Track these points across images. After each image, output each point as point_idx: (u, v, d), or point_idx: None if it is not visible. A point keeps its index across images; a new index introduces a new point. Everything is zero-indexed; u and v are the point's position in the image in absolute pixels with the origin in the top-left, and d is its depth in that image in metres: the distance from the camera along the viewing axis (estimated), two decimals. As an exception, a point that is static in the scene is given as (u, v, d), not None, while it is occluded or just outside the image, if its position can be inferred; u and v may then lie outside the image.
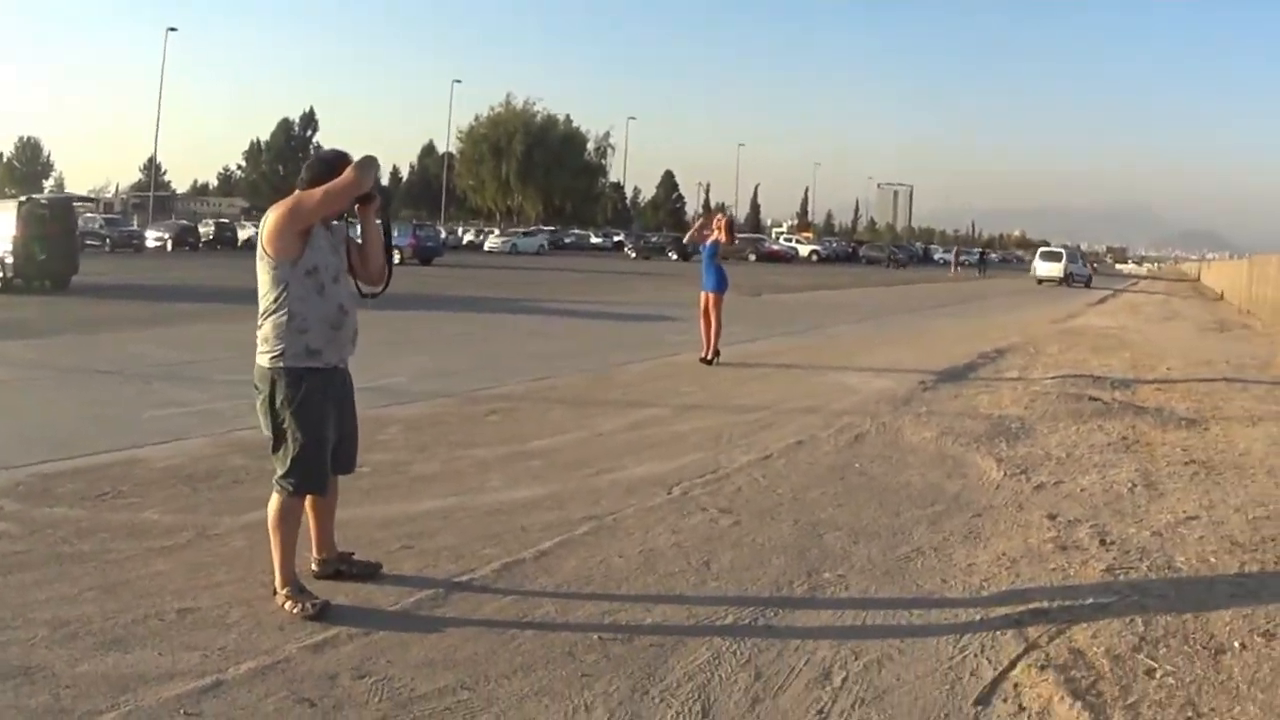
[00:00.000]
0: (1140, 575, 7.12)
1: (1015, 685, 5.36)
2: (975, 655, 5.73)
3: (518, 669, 5.34)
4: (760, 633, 5.97)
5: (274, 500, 6.14)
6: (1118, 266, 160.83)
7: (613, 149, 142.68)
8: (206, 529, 7.50)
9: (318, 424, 6.10)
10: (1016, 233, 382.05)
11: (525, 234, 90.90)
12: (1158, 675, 5.47)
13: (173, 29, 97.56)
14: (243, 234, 75.50)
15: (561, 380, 15.56)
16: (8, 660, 5.15)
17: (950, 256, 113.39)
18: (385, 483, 9.00)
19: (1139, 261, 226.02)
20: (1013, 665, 5.59)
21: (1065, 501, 9.10)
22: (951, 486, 9.53)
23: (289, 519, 6.15)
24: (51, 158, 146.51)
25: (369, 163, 6.12)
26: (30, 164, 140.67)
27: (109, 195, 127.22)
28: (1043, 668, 5.52)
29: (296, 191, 6.13)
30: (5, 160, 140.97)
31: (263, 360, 6.08)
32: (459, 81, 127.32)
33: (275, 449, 6.12)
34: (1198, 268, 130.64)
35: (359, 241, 6.46)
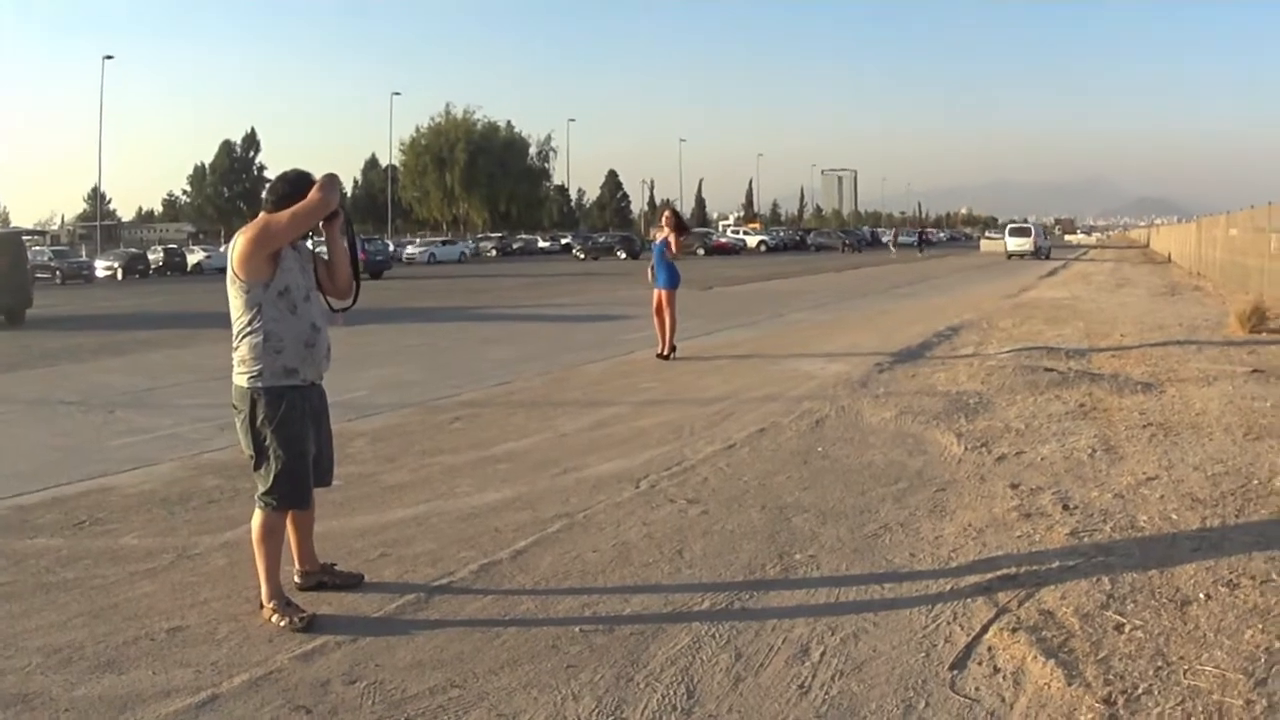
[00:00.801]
0: (1104, 536, 7.26)
1: (989, 648, 5.49)
2: (948, 623, 5.86)
3: (504, 664, 5.44)
4: (737, 615, 6.09)
5: (257, 517, 6.24)
6: (1066, 237, 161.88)
7: (555, 152, 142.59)
8: (187, 549, 7.57)
9: (299, 440, 6.20)
10: (963, 210, 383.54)
11: (444, 242, 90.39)
12: (1126, 630, 5.62)
13: (109, 57, 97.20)
14: (191, 258, 75.36)
15: (521, 384, 15.64)
16: (5, 689, 5.23)
17: (889, 237, 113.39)
18: (358, 494, 9.09)
19: (1088, 231, 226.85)
20: (985, 630, 5.72)
21: (1027, 471, 9.23)
22: (914, 463, 9.66)
23: (273, 534, 6.26)
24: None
25: (333, 181, 6.25)
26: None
27: (55, 227, 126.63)
28: (1014, 630, 5.66)
29: (262, 214, 6.22)
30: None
31: (241, 381, 6.16)
32: (398, 94, 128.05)
33: (257, 467, 6.22)
34: (1147, 233, 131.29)
35: (325, 258, 6.56)
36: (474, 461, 10.28)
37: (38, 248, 64.73)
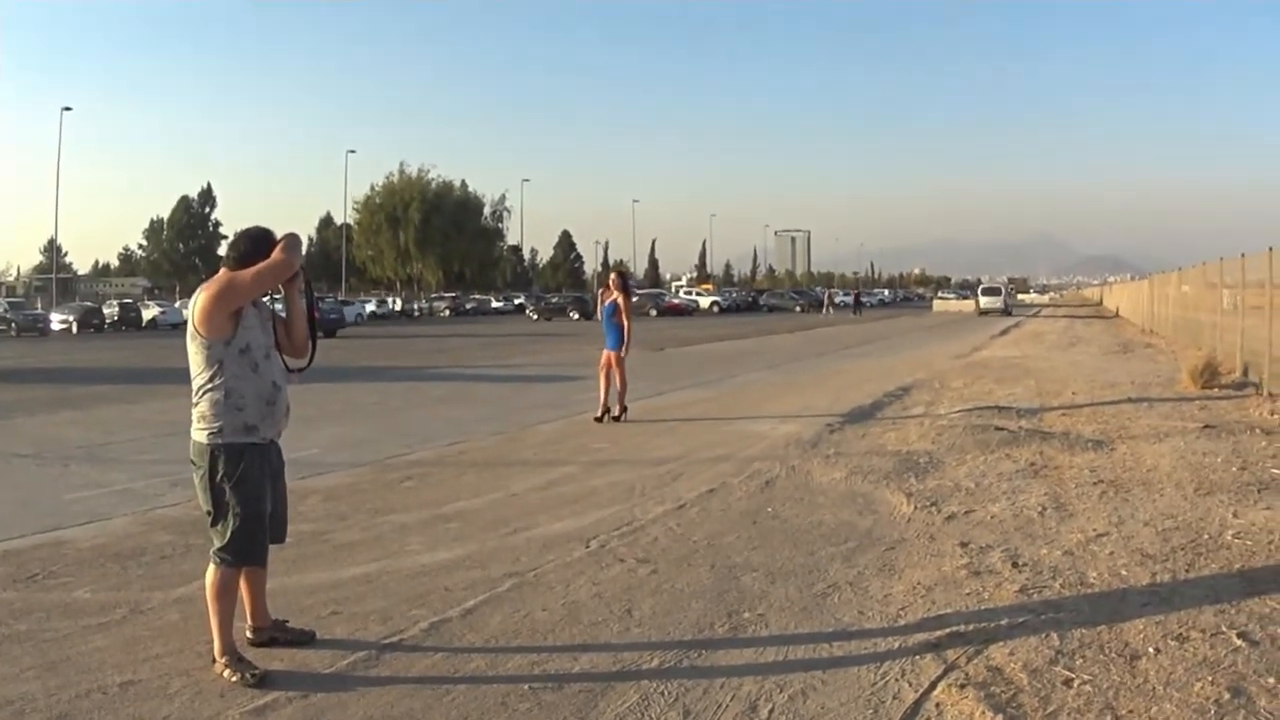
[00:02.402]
0: (1054, 593, 7.32)
1: (937, 705, 5.52)
2: (896, 679, 5.89)
3: (454, 722, 5.45)
4: (686, 673, 6.11)
5: (212, 573, 6.24)
6: (1019, 296, 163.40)
7: (509, 212, 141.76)
8: (139, 604, 7.57)
9: (257, 498, 6.21)
10: (916, 270, 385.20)
11: (341, 302, 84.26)
12: (1075, 684, 5.66)
13: (68, 108, 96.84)
14: (147, 313, 74.92)
15: (473, 444, 15.62)
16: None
17: (825, 299, 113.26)
18: (309, 551, 9.10)
19: (1040, 290, 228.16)
20: (933, 686, 5.76)
21: (976, 529, 9.30)
22: (863, 523, 9.71)
23: (228, 591, 6.25)
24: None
25: (295, 241, 6.32)
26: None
27: (10, 278, 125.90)
28: (962, 686, 5.70)
29: (224, 271, 6.24)
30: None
31: (200, 437, 6.19)
32: (353, 151, 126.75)
33: (214, 523, 6.21)
34: (1100, 292, 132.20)
35: (283, 316, 6.64)
36: (425, 520, 10.29)
37: (-10, 301, 64.44)
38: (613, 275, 19.20)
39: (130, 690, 5.92)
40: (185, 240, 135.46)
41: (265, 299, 6.57)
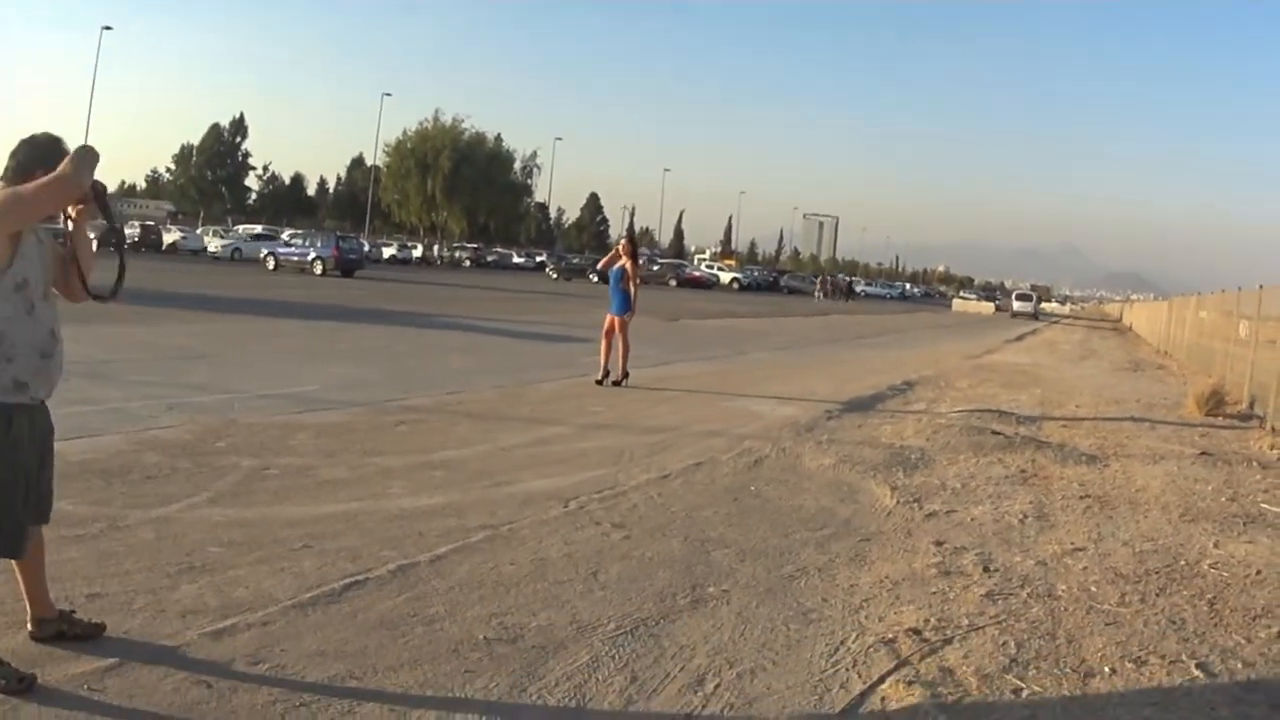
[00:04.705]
0: (1019, 602, 7.32)
1: (882, 699, 5.56)
2: (847, 670, 5.92)
3: (405, 663, 5.52)
4: (641, 640, 6.16)
5: None
6: (1042, 305, 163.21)
7: (539, 169, 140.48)
8: (117, 520, 7.63)
9: (21, 471, 5.11)
10: (940, 268, 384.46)
11: (254, 237, 79.04)
12: (1024, 695, 5.68)
13: (108, 28, 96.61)
14: (168, 237, 74.49)
15: (472, 395, 15.69)
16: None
17: (816, 284, 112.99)
18: (292, 485, 9.14)
19: (1062, 301, 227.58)
20: (882, 680, 5.78)
21: (954, 530, 9.32)
22: (844, 511, 9.75)
23: None
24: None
25: (87, 156, 5.13)
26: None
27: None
28: (910, 683, 5.73)
29: (1, 186, 5.10)
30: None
31: None
32: (389, 95, 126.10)
33: None
34: (1120, 308, 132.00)
35: (66, 250, 5.44)
36: (412, 465, 10.34)
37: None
38: (622, 240, 19.38)
39: (95, 602, 5.99)
40: (214, 168, 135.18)
41: (48, 227, 5.46)
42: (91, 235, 5.60)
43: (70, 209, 5.24)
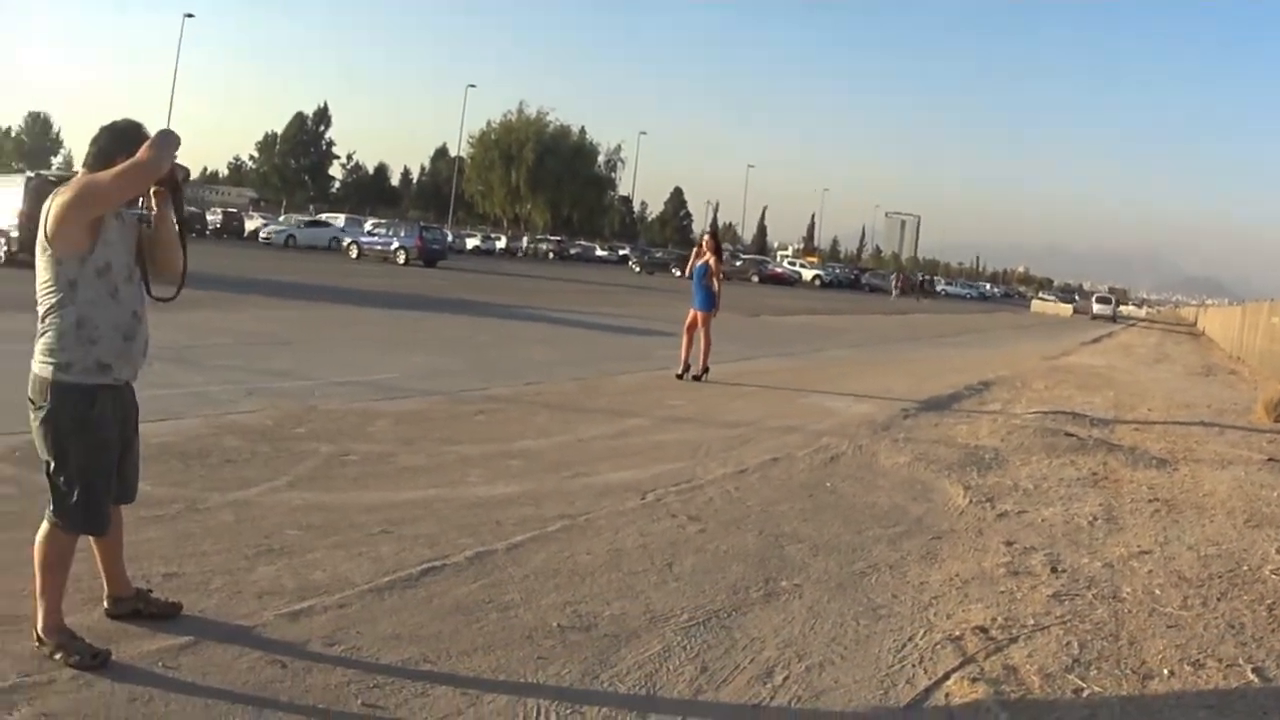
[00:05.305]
0: (1085, 603, 7.34)
1: (947, 694, 5.62)
2: (913, 665, 5.98)
3: (478, 648, 5.62)
4: (712, 632, 6.22)
5: (44, 535, 5.31)
6: (1120, 308, 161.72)
7: (623, 163, 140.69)
8: (196, 502, 7.77)
9: (106, 450, 5.28)
10: (1020, 269, 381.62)
11: (308, 223, 77.61)
12: (1084, 695, 5.74)
13: (190, 15, 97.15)
14: (250, 224, 74.76)
15: (551, 386, 15.76)
16: (0, 609, 5.48)
17: (892, 281, 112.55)
18: (371, 471, 9.26)
19: (1139, 304, 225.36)
20: (947, 676, 5.84)
21: (1025, 530, 9.33)
22: (916, 509, 9.77)
23: (63, 560, 5.30)
24: (61, 135, 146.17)
25: (168, 139, 5.21)
26: (39, 139, 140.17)
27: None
28: (975, 680, 5.78)
29: (83, 172, 5.27)
30: (14, 134, 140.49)
31: (43, 371, 5.16)
32: (474, 86, 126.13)
33: (53, 475, 5.23)
34: (1195, 313, 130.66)
35: (150, 231, 5.54)
36: (489, 454, 10.43)
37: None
38: (705, 237, 19.34)
39: (172, 582, 6.10)
40: (297, 157, 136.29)
41: (132, 211, 5.50)
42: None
43: (152, 193, 5.37)
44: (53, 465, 5.19)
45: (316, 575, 6.49)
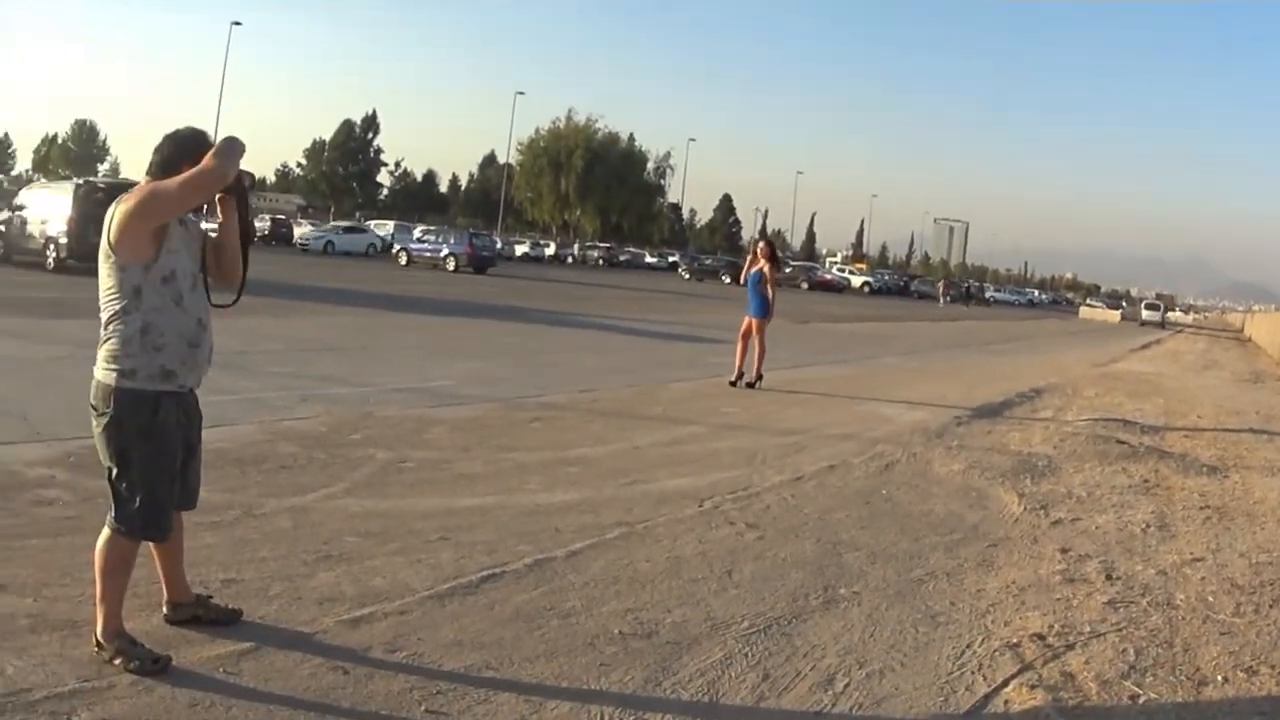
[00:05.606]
0: (1139, 610, 7.37)
1: (1006, 701, 5.65)
2: (972, 672, 6.02)
3: (540, 654, 5.67)
4: (773, 639, 6.26)
5: (105, 541, 5.27)
6: (1167, 314, 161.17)
7: (672, 170, 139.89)
8: (253, 508, 7.84)
9: (168, 457, 5.29)
10: (1068, 275, 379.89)
11: (347, 229, 77.15)
12: (1140, 701, 5.77)
13: (237, 23, 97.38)
14: (298, 231, 75.02)
15: (605, 393, 15.81)
16: (56, 614, 5.53)
17: (939, 289, 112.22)
18: (428, 478, 9.32)
19: (1186, 310, 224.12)
20: (1005, 683, 5.87)
21: (1079, 538, 9.34)
22: (972, 517, 9.78)
23: (124, 565, 5.27)
24: (107, 142, 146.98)
25: (234, 146, 5.20)
26: (85, 146, 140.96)
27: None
28: (1033, 687, 5.81)
29: (146, 180, 5.21)
30: (60, 141, 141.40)
31: (106, 378, 5.18)
32: (522, 93, 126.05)
33: (116, 481, 5.23)
34: (1242, 319, 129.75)
35: (214, 238, 5.57)
36: (546, 461, 10.50)
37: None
38: (761, 244, 19.31)
39: (231, 588, 6.16)
40: (345, 164, 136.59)
41: (195, 218, 5.58)
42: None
43: (217, 199, 5.37)
44: (115, 472, 5.19)
45: (376, 582, 6.53)
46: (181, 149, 5.20)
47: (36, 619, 5.48)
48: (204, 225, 5.69)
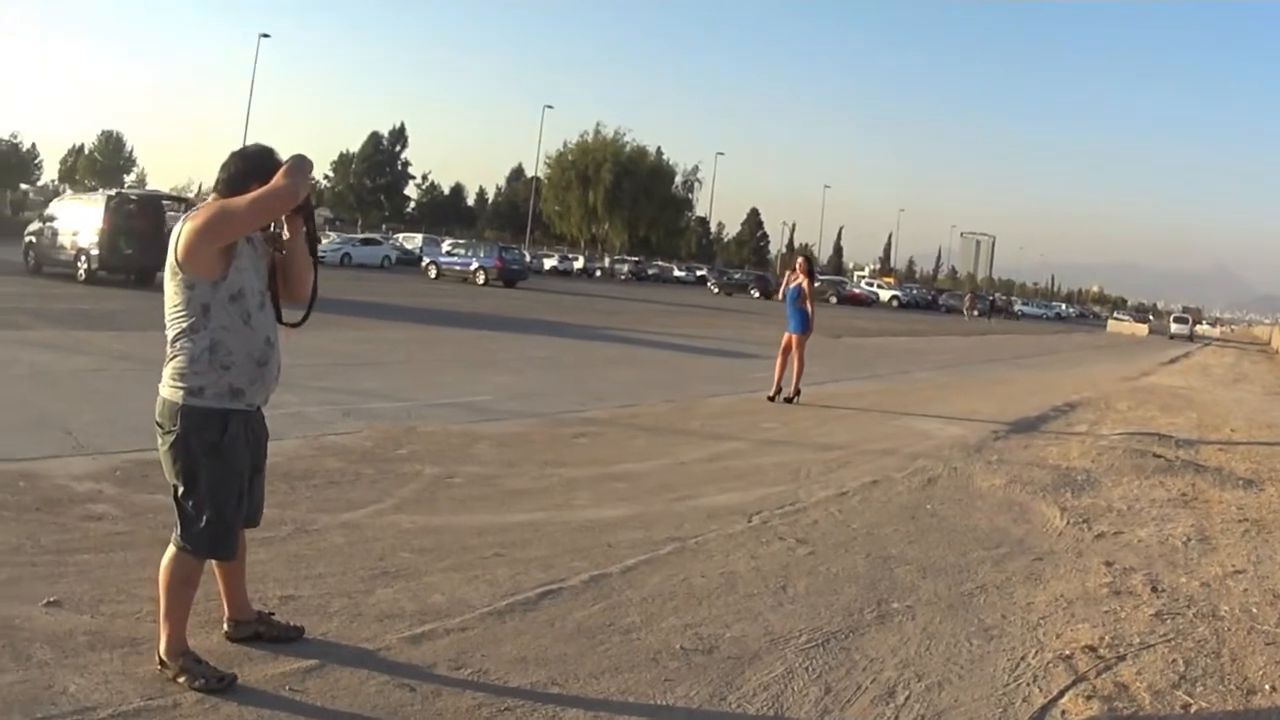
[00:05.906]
0: (1186, 621, 7.45)
1: (1063, 712, 5.74)
2: (1028, 684, 6.10)
3: (605, 670, 5.73)
4: (832, 653, 6.33)
5: (170, 558, 5.24)
6: (1195, 327, 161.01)
7: (699, 183, 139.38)
8: (305, 524, 7.89)
9: (235, 477, 5.26)
10: (1094, 288, 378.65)
11: (363, 241, 77.75)
12: (1192, 709, 5.88)
13: (265, 35, 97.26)
14: (325, 242, 75.15)
15: (645, 408, 15.89)
16: (116, 631, 5.58)
17: (965, 303, 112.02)
18: (477, 494, 9.39)
19: (1213, 323, 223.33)
20: (1061, 694, 5.95)
21: (1123, 551, 9.41)
22: (1016, 531, 9.84)
23: (189, 583, 5.25)
24: (134, 153, 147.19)
25: (303, 165, 5.20)
26: (112, 157, 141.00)
27: (192, 194, 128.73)
28: (1089, 698, 5.90)
29: (214, 198, 5.27)
30: (87, 152, 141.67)
31: (173, 396, 5.17)
32: (550, 107, 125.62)
33: (182, 500, 5.20)
34: (1269, 331, 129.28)
35: (283, 256, 5.53)
36: (594, 477, 10.58)
37: (172, 213, 65.57)
38: (800, 260, 19.43)
39: (290, 604, 6.20)
40: (373, 177, 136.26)
41: (263, 235, 5.43)
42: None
43: (285, 218, 5.33)
44: (181, 490, 5.17)
45: (435, 598, 6.58)
46: (250, 167, 5.20)
47: (95, 636, 5.51)
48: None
